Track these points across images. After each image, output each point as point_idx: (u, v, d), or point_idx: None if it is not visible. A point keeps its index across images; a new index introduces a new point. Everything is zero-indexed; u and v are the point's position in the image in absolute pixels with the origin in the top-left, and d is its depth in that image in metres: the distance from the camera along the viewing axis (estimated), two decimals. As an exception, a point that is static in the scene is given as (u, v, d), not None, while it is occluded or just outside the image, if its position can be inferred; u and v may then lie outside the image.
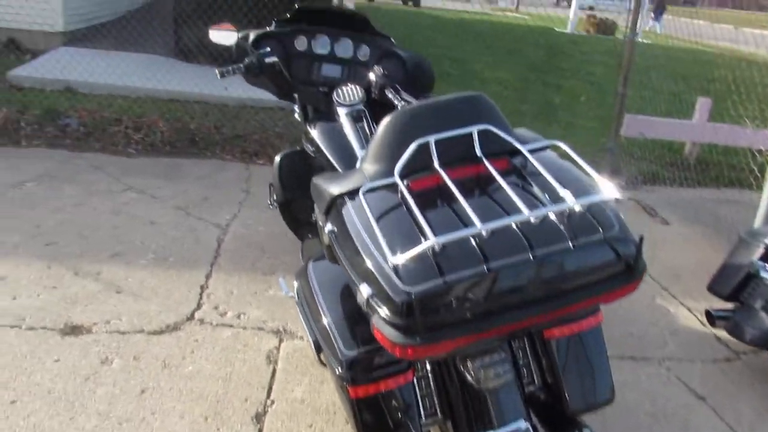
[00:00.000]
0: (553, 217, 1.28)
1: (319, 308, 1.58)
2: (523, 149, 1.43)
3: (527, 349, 1.62)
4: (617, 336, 2.76)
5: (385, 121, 1.51)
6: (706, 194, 4.81)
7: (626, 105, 4.88)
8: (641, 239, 1.27)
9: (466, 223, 1.23)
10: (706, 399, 2.40)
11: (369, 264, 1.24)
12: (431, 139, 1.43)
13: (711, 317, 2.57)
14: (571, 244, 1.24)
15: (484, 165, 1.40)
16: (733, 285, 2.51)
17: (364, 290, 1.23)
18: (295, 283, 1.78)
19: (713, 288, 2.63)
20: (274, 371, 2.28)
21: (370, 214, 1.28)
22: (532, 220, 1.23)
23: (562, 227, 1.27)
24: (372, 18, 2.49)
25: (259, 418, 2.06)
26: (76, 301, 2.52)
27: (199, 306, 2.60)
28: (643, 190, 4.74)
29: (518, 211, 1.23)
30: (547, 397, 1.62)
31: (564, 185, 1.32)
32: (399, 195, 1.34)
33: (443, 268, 1.20)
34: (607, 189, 1.30)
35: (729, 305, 2.58)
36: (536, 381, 1.61)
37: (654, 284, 3.24)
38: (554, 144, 1.49)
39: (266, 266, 2.97)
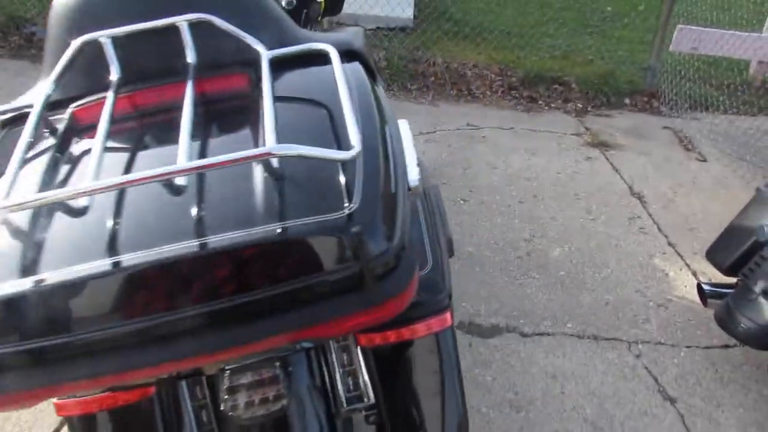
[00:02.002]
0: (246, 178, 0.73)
1: None
2: (265, 54, 0.86)
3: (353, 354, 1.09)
4: (586, 304, 2.17)
5: (54, 5, 0.96)
6: (767, 126, 3.91)
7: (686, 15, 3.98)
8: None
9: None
10: (677, 401, 1.82)
11: None
12: (103, 37, 0.87)
13: (702, 294, 1.92)
14: (264, 228, 0.69)
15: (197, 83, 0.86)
16: (735, 255, 1.82)
17: None
18: None
19: (711, 255, 1.96)
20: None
21: None
22: (181, 182, 0.68)
23: (259, 199, 0.72)
24: None
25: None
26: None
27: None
28: (685, 117, 3.90)
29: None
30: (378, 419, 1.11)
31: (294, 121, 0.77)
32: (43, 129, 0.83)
33: (30, 265, 0.69)
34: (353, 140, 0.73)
35: (731, 280, 1.92)
36: (366, 399, 1.10)
37: (659, 237, 2.55)
38: (316, 49, 0.90)
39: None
